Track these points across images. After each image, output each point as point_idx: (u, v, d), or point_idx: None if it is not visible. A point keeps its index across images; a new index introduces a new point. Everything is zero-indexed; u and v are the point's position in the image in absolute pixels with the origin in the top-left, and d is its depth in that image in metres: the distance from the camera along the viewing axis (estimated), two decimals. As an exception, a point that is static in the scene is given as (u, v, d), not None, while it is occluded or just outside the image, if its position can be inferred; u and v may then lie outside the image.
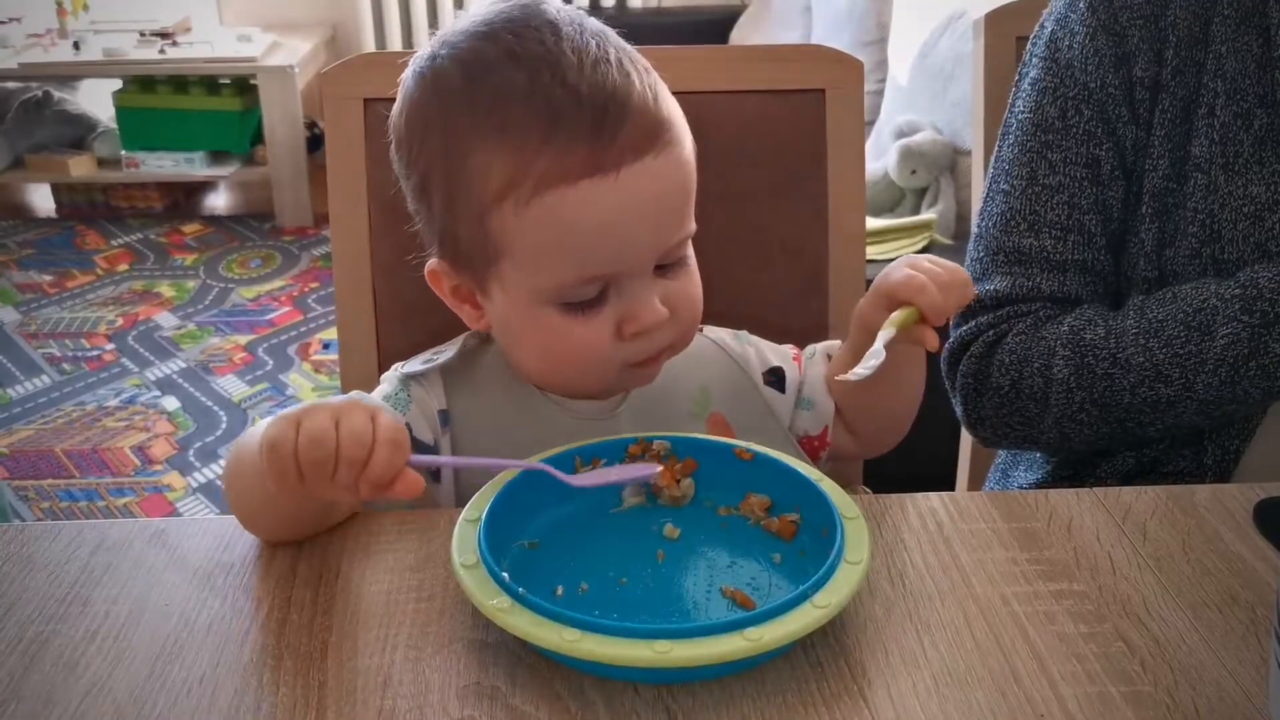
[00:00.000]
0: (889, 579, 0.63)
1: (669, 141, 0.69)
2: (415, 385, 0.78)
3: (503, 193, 0.67)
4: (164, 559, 0.66)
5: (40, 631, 0.60)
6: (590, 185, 0.66)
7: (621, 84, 0.67)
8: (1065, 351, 0.84)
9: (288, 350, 2.62)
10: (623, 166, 0.66)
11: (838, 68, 0.96)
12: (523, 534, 0.66)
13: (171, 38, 3.29)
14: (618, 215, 0.67)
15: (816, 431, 0.82)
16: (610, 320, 0.70)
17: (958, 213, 1.94)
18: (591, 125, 0.65)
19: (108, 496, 2.09)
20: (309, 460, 0.57)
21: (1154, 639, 0.59)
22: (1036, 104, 0.89)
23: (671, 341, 0.73)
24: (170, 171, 3.29)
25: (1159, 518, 0.69)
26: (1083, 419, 0.85)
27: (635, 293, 0.70)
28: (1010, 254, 0.89)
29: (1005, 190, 0.90)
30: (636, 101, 0.67)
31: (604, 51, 0.68)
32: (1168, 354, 0.80)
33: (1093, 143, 0.86)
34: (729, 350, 0.83)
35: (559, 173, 0.65)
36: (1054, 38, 0.89)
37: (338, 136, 0.94)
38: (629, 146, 0.66)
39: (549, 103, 0.65)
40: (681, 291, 0.72)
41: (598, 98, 0.66)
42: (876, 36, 2.50)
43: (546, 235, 0.67)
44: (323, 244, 3.16)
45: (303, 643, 0.59)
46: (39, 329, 2.72)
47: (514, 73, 0.66)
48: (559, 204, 0.66)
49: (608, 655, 0.53)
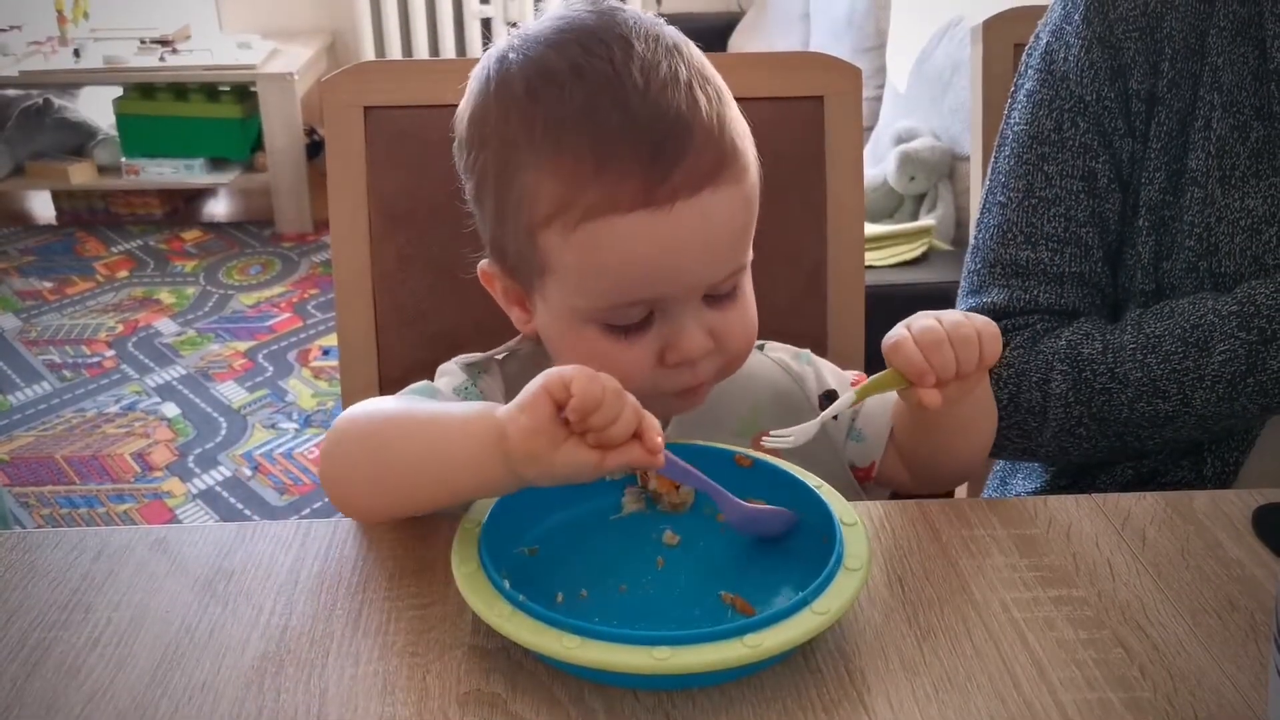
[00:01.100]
0: (888, 585, 0.64)
1: (731, 176, 0.66)
2: (484, 378, 0.77)
3: (551, 216, 0.66)
4: (165, 566, 0.66)
5: (42, 638, 0.60)
6: (641, 217, 0.64)
7: (686, 111, 0.64)
8: (1063, 366, 0.84)
9: (287, 356, 2.63)
10: (677, 200, 0.64)
11: (836, 74, 0.97)
12: (523, 540, 0.66)
13: (171, 45, 3.30)
14: (667, 248, 0.65)
15: (863, 465, 0.80)
16: (653, 346, 0.69)
17: (956, 218, 1.94)
18: (649, 157, 0.63)
19: (108, 503, 2.09)
20: (613, 398, 0.56)
21: (1153, 645, 0.59)
22: (1032, 116, 0.89)
23: (717, 370, 0.72)
24: (170, 178, 3.30)
25: (1158, 524, 0.69)
26: (1081, 433, 0.85)
27: (680, 321, 0.68)
28: (1007, 266, 0.89)
29: (1002, 202, 0.90)
30: (700, 131, 0.65)
31: (674, 71, 0.65)
32: (1165, 369, 0.80)
33: (1089, 155, 0.86)
34: (788, 370, 0.81)
35: (609, 203, 0.64)
36: (1049, 49, 0.89)
37: (338, 144, 0.94)
38: (685, 181, 0.64)
39: (606, 129, 0.63)
40: (731, 323, 0.70)
41: (658, 126, 0.63)
42: (875, 43, 2.50)
43: (591, 261, 0.66)
44: (322, 250, 3.17)
45: (304, 649, 0.59)
46: (39, 336, 2.72)
47: (575, 91, 0.64)
48: (607, 232, 0.64)
49: (607, 662, 0.54)
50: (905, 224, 1.85)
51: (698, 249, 0.66)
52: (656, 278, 0.66)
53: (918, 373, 0.66)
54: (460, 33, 3.55)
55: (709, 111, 0.66)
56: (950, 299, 0.96)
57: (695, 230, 0.65)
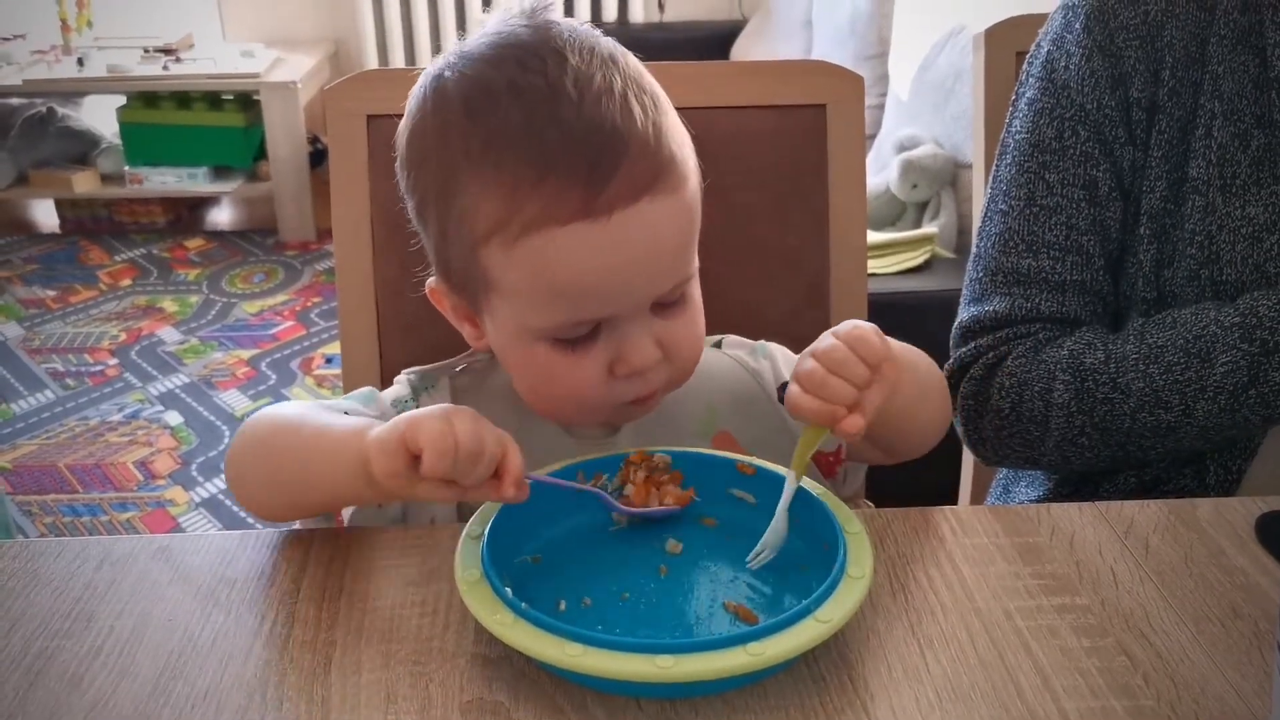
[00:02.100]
0: (891, 593, 0.64)
1: (669, 185, 0.66)
2: (426, 394, 0.78)
3: (490, 232, 0.66)
4: (168, 574, 0.66)
5: (45, 647, 0.60)
6: (580, 229, 0.64)
7: (622, 122, 0.64)
8: (1065, 376, 0.84)
9: (290, 365, 2.63)
10: (615, 211, 0.64)
11: (838, 82, 0.97)
12: (525, 549, 0.66)
13: (175, 54, 3.31)
14: (608, 260, 0.65)
15: (831, 449, 0.81)
16: (602, 359, 0.69)
17: (959, 226, 1.94)
18: (585, 169, 0.63)
19: (110, 511, 2.09)
20: (466, 452, 0.58)
21: (1157, 653, 0.59)
22: (1033, 124, 0.89)
23: (667, 380, 0.72)
24: (173, 187, 3.30)
25: (1161, 532, 0.69)
26: (1083, 442, 0.85)
27: (628, 333, 0.68)
28: (1009, 274, 0.89)
29: (1003, 210, 0.90)
30: (636, 142, 0.65)
31: (608, 83, 0.65)
32: (1167, 380, 0.80)
33: (1090, 164, 0.86)
34: (744, 365, 0.82)
35: (547, 216, 0.64)
36: (1050, 58, 0.89)
37: (341, 152, 0.95)
38: (623, 191, 0.64)
39: (543, 144, 0.63)
40: (678, 332, 0.70)
41: (593, 138, 0.63)
42: (877, 51, 2.51)
43: (534, 276, 0.66)
44: (325, 258, 3.17)
45: (307, 658, 0.59)
46: (42, 344, 2.72)
47: (511, 109, 0.65)
48: (546, 246, 0.64)
49: (610, 670, 0.53)
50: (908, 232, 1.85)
51: (640, 259, 0.66)
52: (602, 291, 0.66)
53: (825, 417, 0.65)
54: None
55: (644, 121, 0.66)
56: (953, 307, 0.96)
57: (636, 241, 0.65)
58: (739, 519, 0.69)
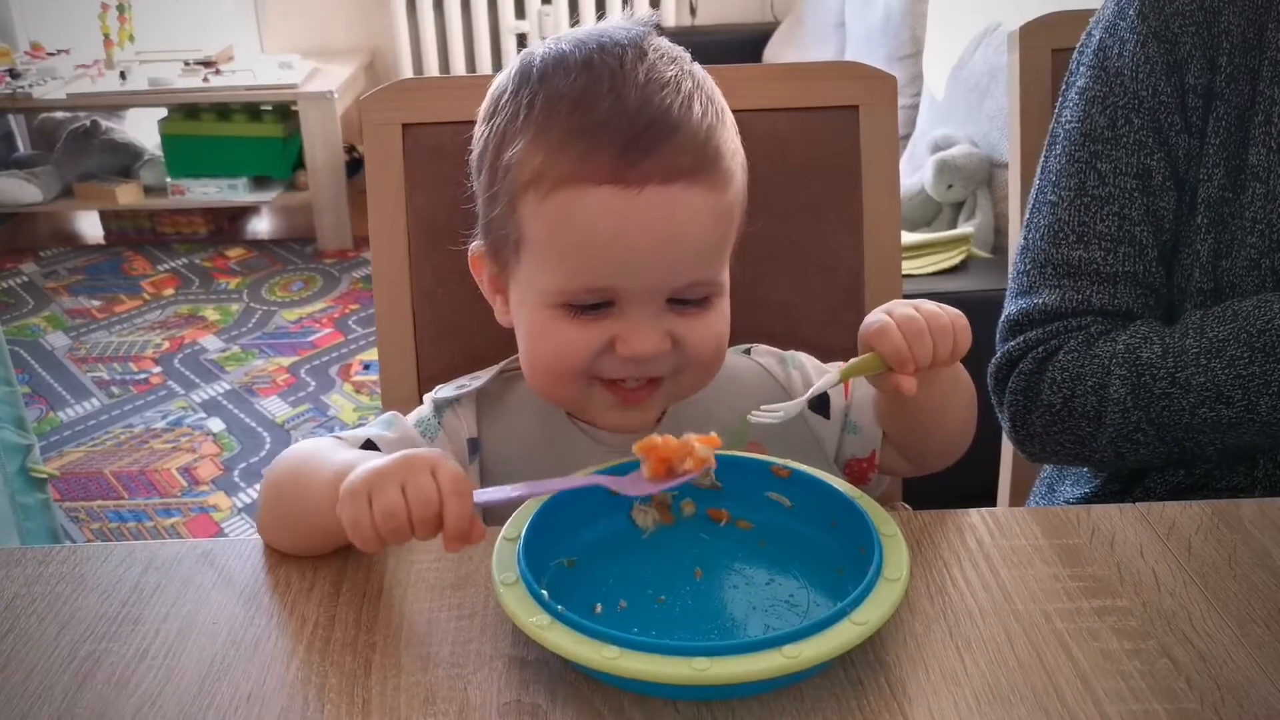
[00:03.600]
0: (929, 596, 0.63)
1: (708, 181, 0.68)
2: (448, 412, 0.78)
3: (530, 182, 0.68)
4: (212, 578, 0.67)
5: (93, 650, 0.61)
6: (609, 193, 0.66)
7: (677, 112, 0.67)
8: (1122, 370, 0.83)
9: (329, 371, 2.66)
10: (647, 185, 0.66)
11: (871, 84, 0.96)
12: (560, 552, 0.66)
13: (215, 66, 3.36)
14: (630, 230, 0.66)
15: (864, 455, 0.81)
16: (604, 333, 0.70)
17: (995, 226, 1.93)
18: (626, 139, 0.65)
19: (155, 517, 2.12)
20: (388, 530, 0.59)
21: (1200, 656, 0.58)
22: (1085, 113, 0.87)
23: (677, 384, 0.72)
24: (214, 198, 3.35)
25: (1204, 533, 0.68)
26: (1139, 438, 0.83)
27: (637, 318, 0.69)
28: (1059, 266, 0.88)
29: (1053, 201, 0.89)
30: (685, 131, 0.67)
31: (677, 82, 0.68)
32: (1230, 375, 0.79)
33: (1143, 152, 0.85)
34: (774, 374, 0.82)
35: (582, 174, 0.66)
36: (1103, 45, 0.87)
37: (378, 161, 0.96)
38: (659, 169, 0.66)
39: (594, 110, 0.66)
40: (696, 330, 0.71)
41: (643, 114, 0.66)
42: (911, 50, 2.49)
43: (558, 232, 0.68)
44: (362, 266, 3.21)
45: (347, 660, 0.60)
46: (88, 353, 2.78)
47: (578, 78, 0.68)
48: (574, 203, 0.66)
49: (646, 672, 0.54)
50: (943, 232, 1.83)
51: (661, 241, 0.67)
52: (616, 260, 0.67)
53: (900, 360, 0.68)
54: (496, 48, 3.58)
55: (700, 118, 0.68)
56: (990, 307, 0.95)
57: (661, 221, 0.66)
58: (775, 522, 0.69)
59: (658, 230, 0.67)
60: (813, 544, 0.67)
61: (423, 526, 0.59)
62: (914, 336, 0.68)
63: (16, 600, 0.65)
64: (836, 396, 0.82)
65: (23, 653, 0.61)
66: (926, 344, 0.68)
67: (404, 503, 0.58)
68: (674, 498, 0.70)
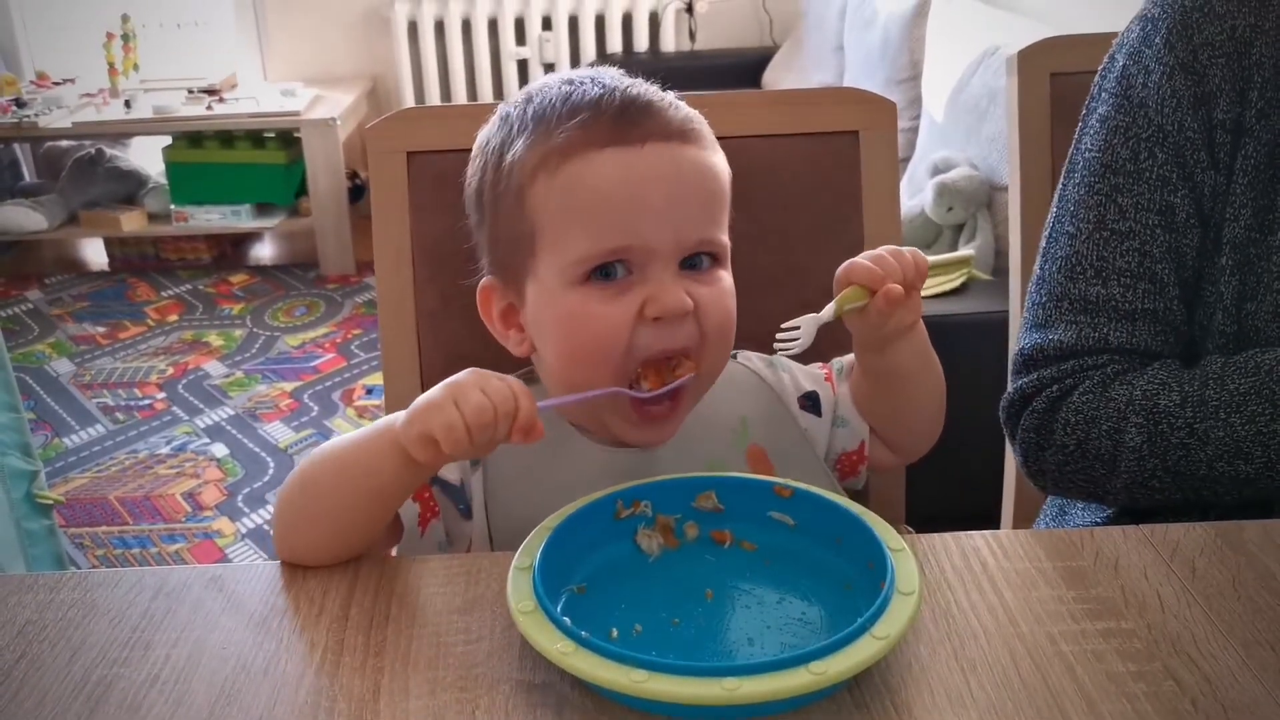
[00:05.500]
0: (933, 618, 0.63)
1: (699, 144, 0.74)
2: None
3: (536, 168, 0.72)
4: (221, 604, 0.67)
5: (104, 675, 0.61)
6: (614, 152, 0.71)
7: (659, 100, 0.74)
8: (1138, 418, 0.79)
9: (332, 396, 2.66)
10: (648, 142, 0.71)
11: (870, 109, 0.98)
12: (571, 579, 0.66)
13: (218, 94, 3.39)
14: (640, 184, 0.71)
15: (854, 447, 0.84)
16: (634, 303, 0.72)
17: (995, 248, 1.94)
18: (618, 110, 0.72)
19: (160, 543, 2.12)
20: (479, 426, 0.63)
21: (1205, 678, 0.58)
22: (1106, 143, 0.84)
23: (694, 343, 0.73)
24: (218, 224, 3.37)
25: (1208, 555, 0.68)
26: (1154, 485, 0.80)
27: (659, 277, 0.72)
28: (1076, 302, 0.84)
29: (1070, 233, 0.85)
30: (669, 111, 0.73)
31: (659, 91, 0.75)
32: (1250, 431, 0.76)
33: (1167, 188, 0.81)
34: (764, 378, 0.84)
35: (584, 142, 0.71)
36: (1126, 73, 0.84)
37: (382, 188, 0.97)
38: (655, 130, 0.72)
39: (585, 98, 0.73)
40: (709, 296, 0.74)
41: (629, 94, 0.73)
42: (910, 74, 2.51)
43: (572, 200, 0.71)
44: (364, 291, 3.22)
45: (356, 685, 0.60)
46: (93, 379, 2.78)
47: (563, 89, 0.75)
48: (584, 169, 0.71)
49: (677, 694, 0.54)
50: (944, 255, 1.84)
51: (669, 190, 0.72)
52: (630, 215, 0.71)
53: (874, 279, 0.72)
54: (497, 74, 3.61)
55: (680, 110, 0.74)
56: (992, 328, 0.95)
57: (667, 169, 0.72)
58: (779, 542, 0.70)
59: (665, 183, 0.72)
60: (818, 561, 0.67)
61: (505, 420, 0.64)
62: (876, 259, 0.72)
63: (28, 626, 0.66)
64: (825, 393, 0.85)
65: (35, 679, 0.61)
66: (890, 261, 0.72)
67: (490, 401, 0.64)
68: (677, 521, 0.71)
